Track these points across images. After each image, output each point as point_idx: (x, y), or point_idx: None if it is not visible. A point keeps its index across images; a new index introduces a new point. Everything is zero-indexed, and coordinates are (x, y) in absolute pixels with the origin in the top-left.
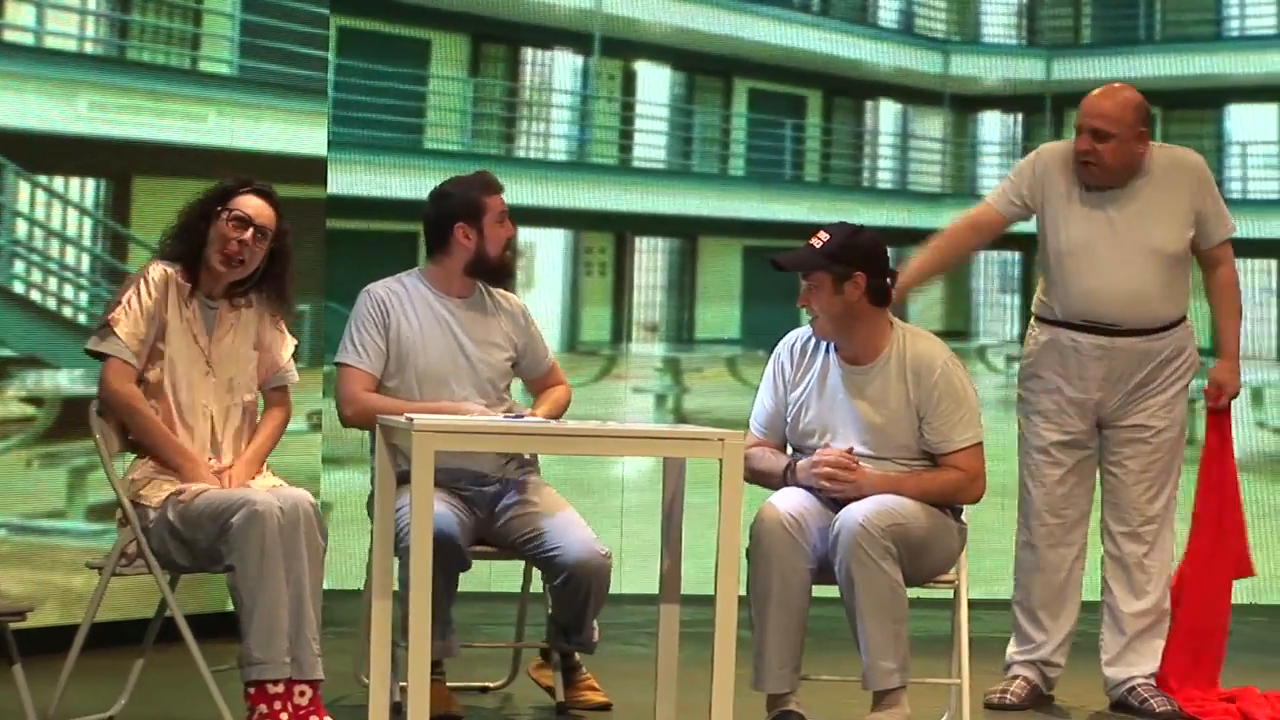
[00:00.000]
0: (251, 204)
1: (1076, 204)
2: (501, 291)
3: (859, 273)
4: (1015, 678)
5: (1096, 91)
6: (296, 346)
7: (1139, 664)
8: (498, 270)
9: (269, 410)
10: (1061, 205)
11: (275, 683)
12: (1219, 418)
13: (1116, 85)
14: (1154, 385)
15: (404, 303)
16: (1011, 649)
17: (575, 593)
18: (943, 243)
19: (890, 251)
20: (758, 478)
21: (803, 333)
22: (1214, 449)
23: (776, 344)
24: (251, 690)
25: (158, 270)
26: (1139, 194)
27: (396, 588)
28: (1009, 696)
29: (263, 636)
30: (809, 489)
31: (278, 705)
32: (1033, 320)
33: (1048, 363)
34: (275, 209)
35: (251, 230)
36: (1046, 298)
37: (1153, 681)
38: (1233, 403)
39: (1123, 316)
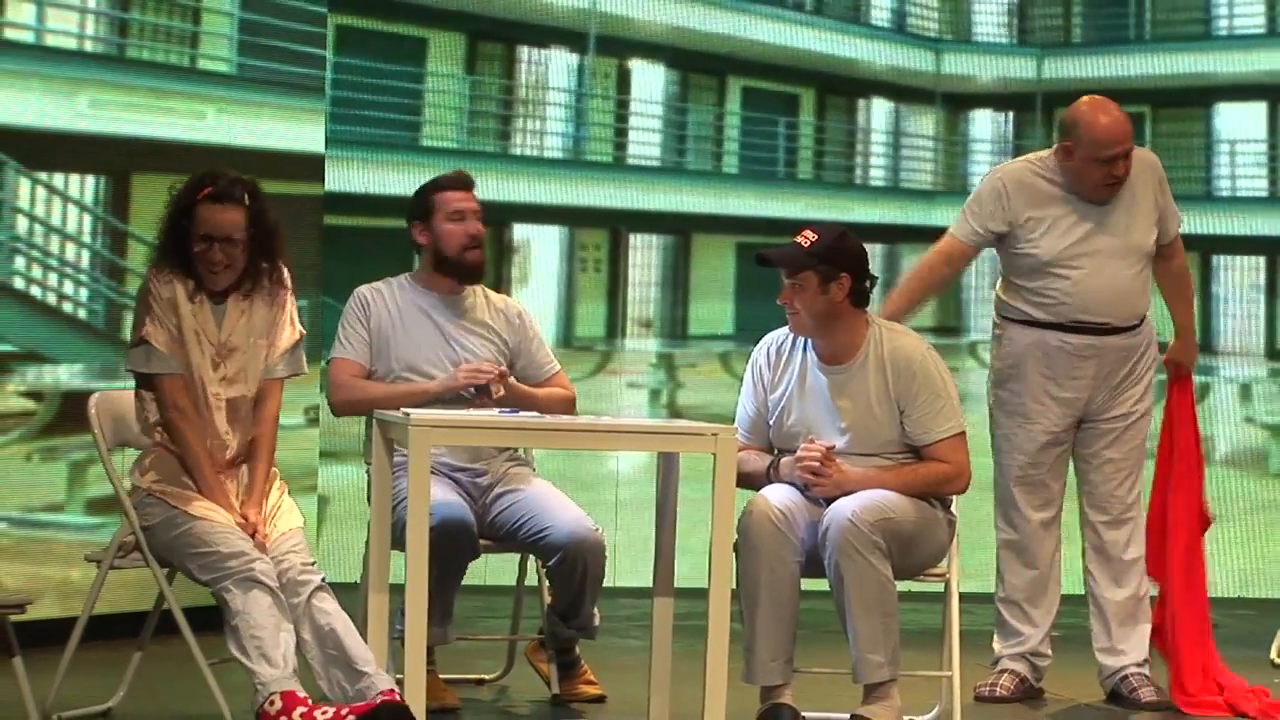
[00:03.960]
0: (211, 219)
1: (1057, 212)
2: (498, 294)
3: (845, 274)
4: (1003, 671)
5: (1103, 112)
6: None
7: (1130, 652)
8: (459, 267)
9: (257, 412)
10: (1040, 216)
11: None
12: (1181, 384)
13: (1105, 100)
14: (1133, 377)
15: (386, 298)
16: (998, 645)
17: (571, 572)
18: (919, 276)
19: (884, 249)
20: (742, 480)
21: (778, 335)
22: (1173, 405)
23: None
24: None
25: (160, 275)
26: (1117, 195)
27: (401, 580)
28: (998, 689)
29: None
30: (796, 485)
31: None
32: (999, 322)
33: (1032, 365)
34: (239, 202)
35: (217, 245)
36: (1021, 303)
37: (1145, 670)
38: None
39: (1111, 315)
